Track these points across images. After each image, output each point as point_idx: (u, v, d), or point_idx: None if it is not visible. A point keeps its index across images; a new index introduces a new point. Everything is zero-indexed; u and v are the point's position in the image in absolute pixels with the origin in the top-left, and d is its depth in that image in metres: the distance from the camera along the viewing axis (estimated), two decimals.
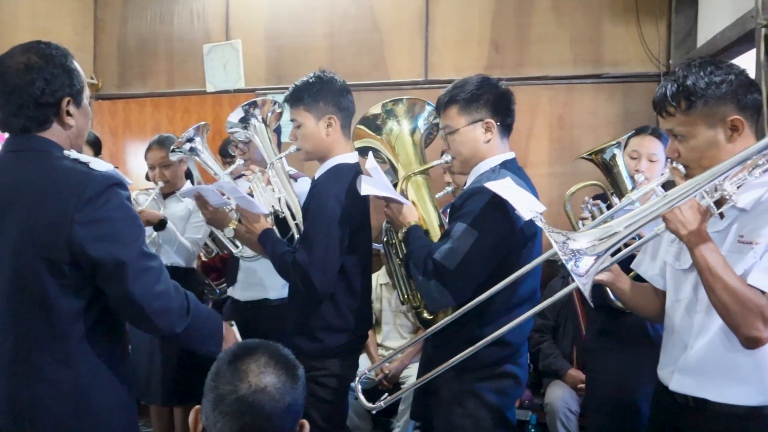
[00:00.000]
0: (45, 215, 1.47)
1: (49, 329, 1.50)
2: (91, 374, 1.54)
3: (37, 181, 1.51)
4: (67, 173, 1.51)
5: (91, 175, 1.52)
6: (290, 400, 1.16)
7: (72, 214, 1.46)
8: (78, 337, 1.53)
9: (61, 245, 1.47)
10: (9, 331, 1.51)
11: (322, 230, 2.13)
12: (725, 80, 1.52)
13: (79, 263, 1.48)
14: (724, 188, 1.45)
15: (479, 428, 2.02)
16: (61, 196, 1.48)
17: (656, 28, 3.62)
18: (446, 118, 2.09)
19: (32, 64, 1.51)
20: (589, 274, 1.38)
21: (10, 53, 1.54)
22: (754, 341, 1.41)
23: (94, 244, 1.47)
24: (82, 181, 1.49)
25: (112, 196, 1.51)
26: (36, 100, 1.51)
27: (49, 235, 1.47)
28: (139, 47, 4.63)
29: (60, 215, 1.47)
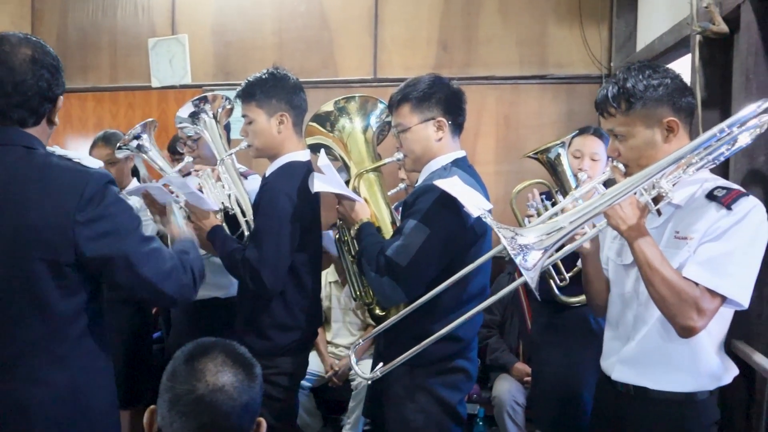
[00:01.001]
0: (46, 215, 1.46)
1: (46, 331, 1.49)
2: (86, 375, 1.55)
3: (32, 179, 1.48)
4: (65, 172, 1.51)
5: (89, 173, 1.52)
6: (248, 398, 1.16)
7: (74, 215, 1.46)
8: (74, 338, 1.53)
9: (65, 246, 1.46)
10: (4, 334, 1.48)
11: (272, 228, 2.13)
12: (662, 84, 1.59)
13: (82, 263, 1.49)
14: (661, 186, 1.52)
15: (431, 423, 2.05)
16: (61, 195, 1.47)
17: (598, 31, 3.72)
18: (398, 117, 2.11)
19: (39, 59, 1.50)
20: (536, 267, 1.42)
21: (4, 41, 1.50)
22: (689, 330, 1.48)
23: (98, 242, 1.49)
24: (82, 181, 1.49)
25: (108, 193, 1.53)
26: (41, 95, 1.51)
27: (52, 236, 1.46)
28: (81, 40, 4.48)
29: (62, 215, 1.46)
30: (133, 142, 2.64)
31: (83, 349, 1.55)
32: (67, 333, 1.52)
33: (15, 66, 1.48)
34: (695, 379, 1.60)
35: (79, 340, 1.54)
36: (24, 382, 1.48)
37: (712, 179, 1.62)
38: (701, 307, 1.47)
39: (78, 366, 1.54)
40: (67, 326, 1.52)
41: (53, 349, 1.51)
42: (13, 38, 1.51)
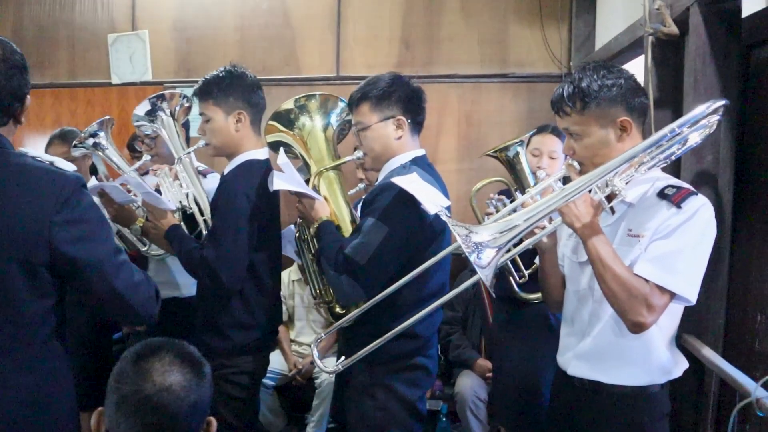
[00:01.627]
0: (22, 216, 1.44)
1: (14, 334, 1.48)
2: (50, 379, 1.53)
3: (8, 179, 1.46)
4: (41, 173, 1.49)
5: (65, 176, 1.51)
6: (196, 398, 1.15)
7: (50, 216, 1.45)
8: (41, 341, 1.51)
9: (41, 247, 1.45)
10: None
11: (229, 226, 2.11)
12: (616, 84, 1.62)
13: (55, 264, 1.47)
14: (614, 184, 1.55)
15: (391, 419, 2.06)
16: (38, 196, 1.45)
17: (558, 31, 3.76)
18: (358, 115, 2.11)
19: (8, 58, 1.48)
20: (490, 265, 1.44)
21: None
22: (639, 326, 1.51)
23: (74, 245, 1.47)
24: (57, 182, 1.48)
25: (83, 196, 1.52)
26: (12, 94, 1.49)
27: (27, 236, 1.44)
28: (37, 34, 4.35)
29: (38, 216, 1.44)
30: (89, 140, 2.61)
31: (48, 353, 1.54)
32: (35, 336, 1.51)
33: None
34: (647, 373, 1.63)
35: (45, 344, 1.53)
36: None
37: (664, 178, 1.66)
38: (651, 303, 1.50)
39: (43, 370, 1.53)
40: (35, 329, 1.51)
41: (20, 352, 1.49)
42: None
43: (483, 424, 3.27)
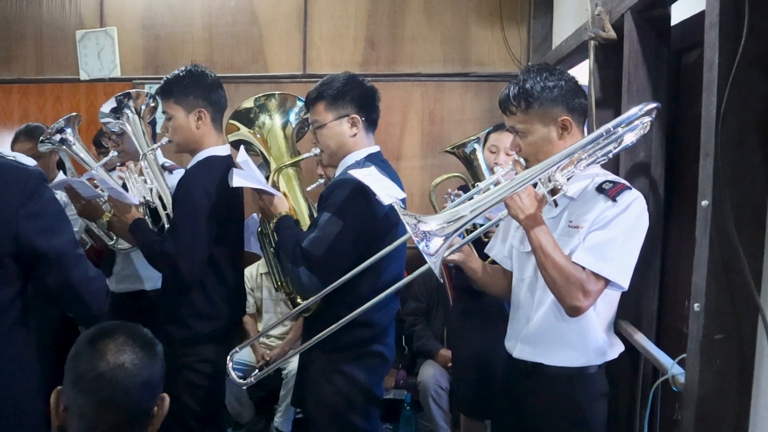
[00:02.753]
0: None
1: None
2: (14, 364, 1.58)
3: None
4: (5, 168, 1.54)
5: (29, 170, 1.56)
6: (147, 375, 1.22)
7: (16, 209, 1.50)
8: (5, 328, 1.55)
9: (7, 238, 1.49)
10: None
11: (188, 220, 2.18)
12: (557, 85, 1.72)
13: (20, 254, 1.52)
14: (557, 179, 1.65)
15: (349, 404, 2.14)
16: (4, 190, 1.50)
17: (518, 32, 3.83)
18: (314, 114, 2.18)
19: None
20: (438, 253, 1.53)
21: None
22: (575, 310, 1.62)
23: (38, 237, 1.53)
24: (23, 177, 1.54)
25: (44, 190, 1.58)
26: None
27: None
28: (3, 29, 4.31)
29: (5, 209, 1.49)
30: (56, 135, 2.65)
31: (13, 339, 1.58)
32: (1, 324, 1.54)
33: None
34: (584, 354, 1.74)
35: (9, 331, 1.57)
36: None
37: (603, 174, 1.77)
38: (587, 289, 1.61)
39: (7, 356, 1.56)
40: (1, 317, 1.54)
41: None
42: None
43: (445, 412, 3.36)
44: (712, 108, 1.29)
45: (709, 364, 1.32)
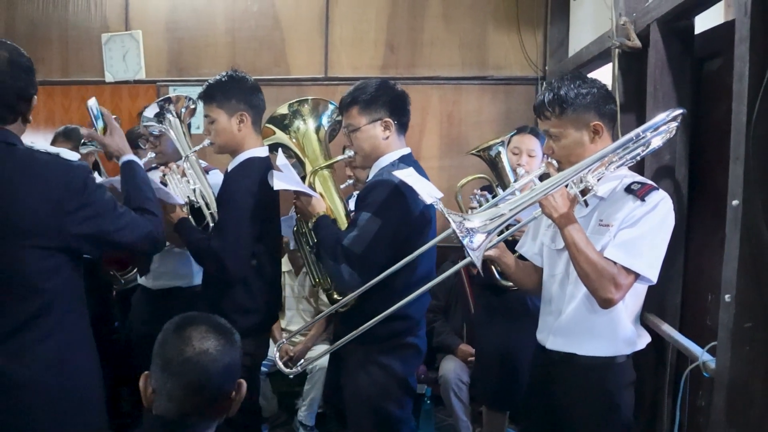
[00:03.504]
0: (34, 206, 1.57)
1: (33, 308, 1.61)
2: (70, 346, 1.68)
3: (18, 173, 1.59)
4: (49, 165, 1.63)
5: (71, 165, 1.66)
6: (228, 360, 1.34)
7: (61, 204, 1.59)
8: (56, 314, 1.65)
9: (54, 232, 1.59)
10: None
11: (234, 219, 2.28)
12: (590, 92, 1.83)
13: (68, 245, 1.62)
14: (588, 180, 1.77)
15: (385, 395, 2.25)
16: (48, 187, 1.59)
17: (534, 37, 3.95)
18: (349, 118, 2.28)
19: (15, 61, 1.60)
20: (481, 248, 1.64)
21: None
22: (608, 302, 1.73)
23: (83, 224, 1.63)
24: (66, 173, 1.63)
25: (89, 182, 1.67)
26: (18, 95, 1.62)
27: (40, 223, 1.58)
28: (30, 32, 4.44)
29: (50, 205, 1.58)
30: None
31: (65, 326, 1.68)
32: (51, 310, 1.64)
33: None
34: (614, 345, 1.85)
35: (63, 316, 1.67)
36: (14, 358, 1.59)
37: (630, 175, 1.88)
38: (618, 282, 1.72)
39: (63, 340, 1.66)
40: (51, 304, 1.64)
41: (40, 324, 1.62)
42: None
43: (465, 405, 3.46)
44: (742, 116, 1.41)
45: (739, 351, 1.43)
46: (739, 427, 1.46)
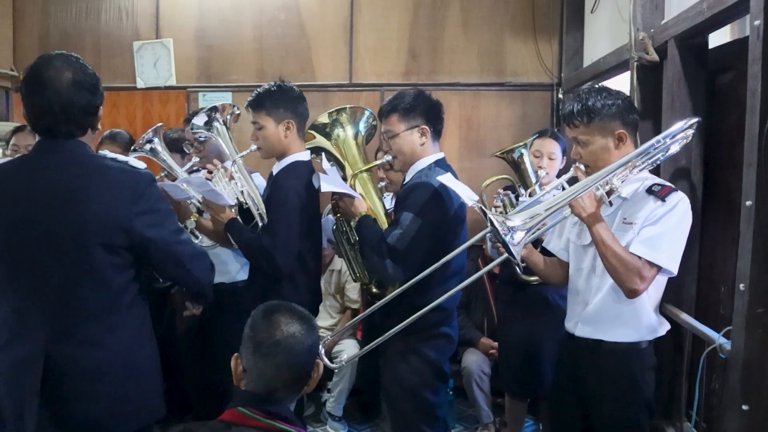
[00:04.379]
0: (106, 208, 1.71)
1: (102, 302, 1.74)
2: (134, 338, 1.81)
3: (92, 178, 1.74)
4: (119, 172, 1.77)
5: (139, 173, 1.80)
6: (310, 342, 1.51)
7: (130, 207, 1.73)
8: (124, 308, 1.79)
9: (122, 232, 1.73)
10: (67, 307, 1.72)
11: (283, 218, 2.45)
12: (615, 103, 2.02)
13: (133, 245, 1.76)
14: (613, 183, 1.94)
15: (422, 381, 2.42)
16: (119, 191, 1.74)
17: (550, 45, 4.13)
18: (388, 124, 2.46)
19: (79, 80, 1.72)
20: (521, 243, 1.82)
21: (48, 65, 1.71)
22: (633, 292, 1.92)
23: (151, 229, 1.77)
24: (134, 179, 1.77)
25: (154, 189, 1.82)
26: (83, 111, 1.74)
27: (111, 224, 1.72)
28: (63, 41, 4.60)
29: (120, 207, 1.73)
30: (146, 145, 2.93)
31: (131, 318, 1.82)
32: (119, 304, 1.78)
33: (61, 89, 1.69)
34: (638, 331, 2.03)
35: (128, 310, 1.81)
36: (84, 347, 1.72)
37: (651, 178, 2.07)
38: (643, 275, 1.90)
39: (128, 332, 1.80)
40: (119, 298, 1.78)
41: (108, 317, 1.76)
42: (57, 61, 1.72)
43: (486, 395, 3.62)
44: (755, 127, 1.60)
45: (753, 333, 1.63)
46: (751, 402, 1.66)
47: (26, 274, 1.71)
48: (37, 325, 1.70)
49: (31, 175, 1.74)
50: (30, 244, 1.70)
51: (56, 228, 1.70)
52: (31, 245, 1.70)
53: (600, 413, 2.09)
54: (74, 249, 1.71)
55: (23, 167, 1.79)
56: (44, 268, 1.70)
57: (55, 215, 1.70)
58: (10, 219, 1.72)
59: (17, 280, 1.73)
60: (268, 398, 1.45)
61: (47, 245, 1.70)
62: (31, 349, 1.69)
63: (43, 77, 1.70)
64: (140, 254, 1.80)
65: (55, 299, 1.71)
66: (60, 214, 1.70)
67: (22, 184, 1.73)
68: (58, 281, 1.71)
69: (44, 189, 1.72)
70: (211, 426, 1.44)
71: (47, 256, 1.70)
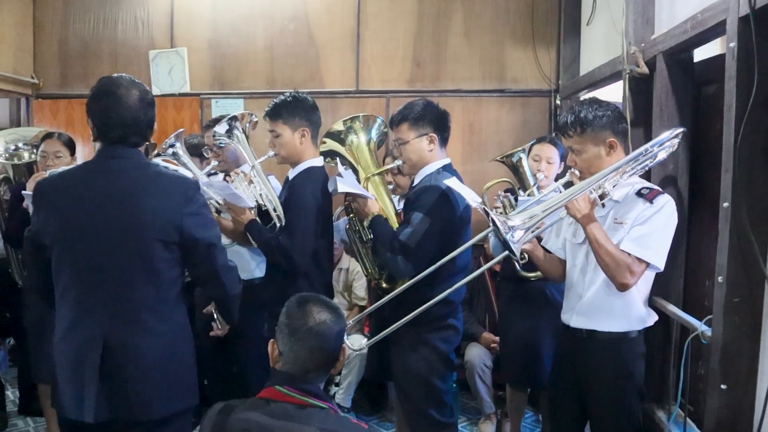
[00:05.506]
0: (161, 208, 1.93)
1: (154, 293, 1.94)
2: (178, 328, 2.02)
3: (149, 182, 1.95)
4: (172, 178, 2.00)
5: (188, 180, 2.03)
6: (338, 329, 1.69)
7: (182, 208, 1.95)
8: (172, 300, 1.99)
9: (175, 230, 1.94)
10: (125, 297, 1.92)
11: (300, 219, 2.62)
12: (605, 114, 2.19)
13: (183, 242, 1.96)
14: (605, 187, 2.13)
15: (431, 369, 2.59)
16: (172, 194, 1.95)
17: (548, 54, 4.32)
18: (399, 132, 2.64)
19: (143, 97, 1.96)
20: (520, 241, 2.01)
21: (118, 84, 1.95)
22: (624, 286, 2.09)
23: (197, 229, 1.97)
24: (185, 184, 2.00)
25: (200, 196, 2.03)
26: (147, 124, 1.99)
27: (166, 222, 1.92)
28: (81, 49, 4.80)
29: (173, 208, 1.94)
30: (169, 150, 3.12)
31: (177, 309, 2.02)
32: (168, 296, 1.98)
33: (132, 105, 1.94)
34: (628, 322, 2.21)
35: (175, 302, 2.01)
36: (139, 333, 1.92)
37: (640, 182, 2.23)
38: (633, 270, 2.08)
39: (174, 321, 2.01)
40: (169, 291, 1.98)
41: (158, 307, 1.96)
42: (124, 81, 1.96)
43: (488, 387, 3.79)
44: (731, 137, 1.80)
45: (730, 321, 1.82)
46: (729, 381, 1.85)
47: (89, 269, 1.91)
48: (98, 313, 1.90)
49: (97, 179, 1.95)
50: (95, 241, 1.90)
51: (118, 226, 1.90)
52: (96, 242, 1.90)
53: (595, 398, 2.26)
54: (134, 244, 1.92)
55: (89, 172, 1.99)
56: (106, 263, 1.90)
57: (118, 215, 1.90)
58: (77, 220, 1.91)
59: (81, 274, 1.92)
60: (302, 378, 1.62)
61: (110, 242, 1.90)
62: (92, 334, 1.89)
63: (116, 94, 1.93)
64: (185, 251, 2.00)
65: (115, 290, 1.91)
66: (122, 214, 1.91)
67: (89, 188, 1.94)
68: (118, 274, 1.91)
69: (108, 191, 1.92)
70: (251, 403, 1.62)
71: (110, 252, 1.90)
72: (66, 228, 1.93)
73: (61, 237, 1.93)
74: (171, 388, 1.98)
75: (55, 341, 1.97)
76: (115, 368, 1.89)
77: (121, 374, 1.90)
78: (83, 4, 4.82)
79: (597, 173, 2.11)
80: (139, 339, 1.93)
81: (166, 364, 1.97)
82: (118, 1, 4.79)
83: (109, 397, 1.89)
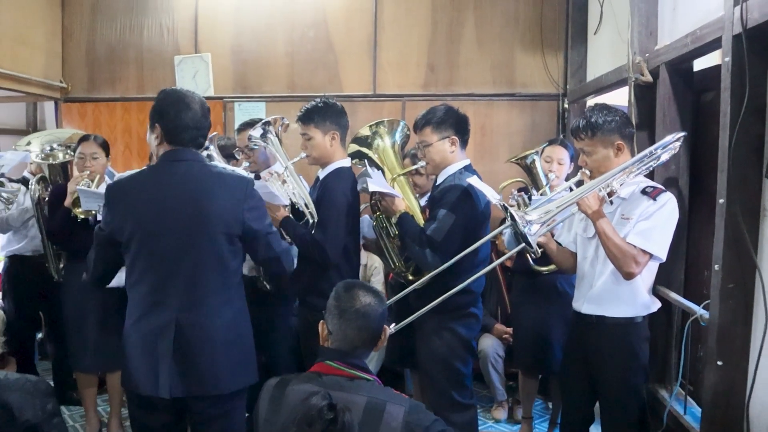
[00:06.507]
0: (225, 204, 2.16)
1: (221, 280, 2.17)
2: (240, 313, 2.26)
3: (213, 180, 2.19)
4: (232, 177, 2.25)
5: (245, 178, 2.28)
6: (381, 310, 1.90)
7: (242, 204, 2.19)
8: (235, 286, 2.24)
9: (237, 223, 2.18)
10: (195, 285, 2.14)
11: (333, 216, 2.82)
12: (614, 119, 2.41)
13: (244, 234, 2.20)
14: (613, 185, 2.34)
15: (454, 355, 2.81)
16: (233, 191, 2.19)
17: (556, 59, 4.50)
18: (422, 135, 2.86)
19: (204, 106, 2.23)
20: (536, 234, 2.23)
21: (183, 94, 2.21)
22: (630, 275, 2.31)
23: (255, 222, 2.22)
24: (243, 182, 2.24)
25: (256, 192, 2.28)
26: (207, 128, 2.25)
27: (229, 216, 2.16)
28: (108, 55, 4.99)
29: (235, 204, 2.18)
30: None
31: (238, 295, 2.27)
32: (232, 283, 2.23)
33: (198, 111, 2.21)
34: (634, 308, 2.42)
35: (237, 288, 2.26)
36: (208, 315, 2.15)
37: (645, 181, 2.45)
38: (638, 261, 2.30)
39: (236, 306, 2.24)
40: (232, 278, 2.23)
41: (224, 293, 2.19)
42: (189, 92, 2.24)
43: (500, 376, 3.99)
44: (726, 141, 2.03)
45: (725, 304, 2.05)
46: (724, 358, 2.09)
47: (162, 261, 2.15)
48: (170, 299, 2.14)
49: (167, 180, 2.18)
50: (168, 237, 2.13)
51: (188, 221, 2.14)
52: (169, 238, 2.13)
53: (603, 378, 2.47)
54: (203, 237, 2.15)
55: (158, 174, 2.22)
56: (178, 255, 2.14)
57: (187, 211, 2.14)
58: (150, 217, 2.14)
59: (155, 265, 2.15)
60: (351, 353, 1.83)
61: (180, 236, 2.13)
62: (165, 318, 2.13)
63: (185, 102, 2.19)
64: (246, 242, 2.24)
65: (185, 278, 2.14)
66: (191, 210, 2.14)
67: (160, 189, 2.17)
68: (188, 264, 2.14)
69: (177, 192, 2.16)
70: (304, 376, 1.82)
71: (182, 246, 2.14)
72: (142, 226, 2.15)
73: (138, 234, 2.15)
74: (237, 365, 2.20)
75: (127, 327, 2.19)
76: (187, 347, 2.12)
77: (192, 353, 2.12)
78: (110, 12, 5.00)
79: (606, 173, 2.32)
80: (208, 321, 2.15)
81: (231, 343, 2.19)
82: (144, 9, 4.98)
83: (182, 373, 2.11)
